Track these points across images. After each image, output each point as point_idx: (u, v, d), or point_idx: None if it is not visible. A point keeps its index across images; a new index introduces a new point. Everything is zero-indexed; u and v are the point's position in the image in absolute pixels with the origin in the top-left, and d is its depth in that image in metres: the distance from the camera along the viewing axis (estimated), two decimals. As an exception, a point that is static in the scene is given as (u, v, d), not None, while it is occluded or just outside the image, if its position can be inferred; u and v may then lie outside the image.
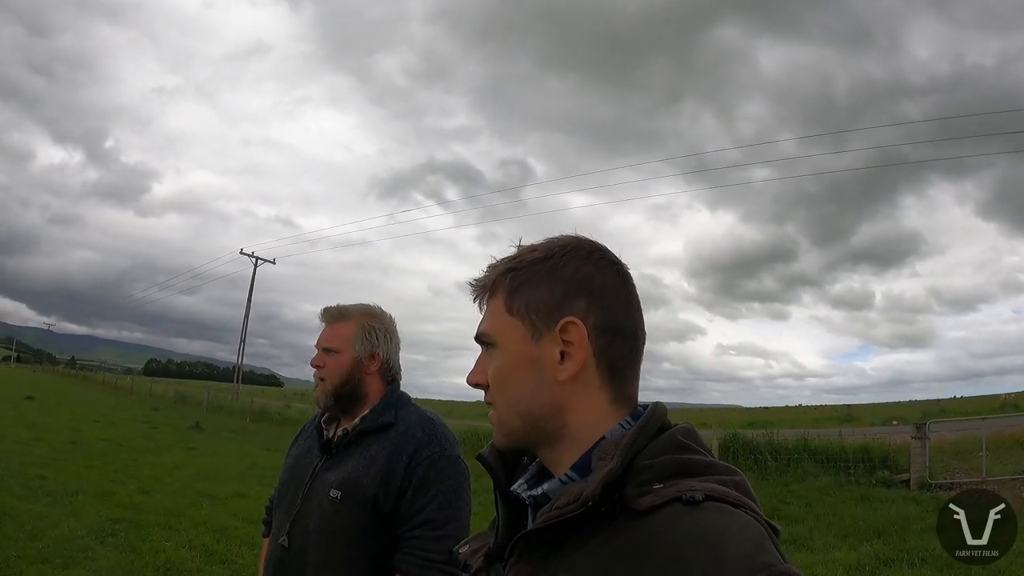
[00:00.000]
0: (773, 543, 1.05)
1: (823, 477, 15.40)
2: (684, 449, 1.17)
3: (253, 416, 35.43)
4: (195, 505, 11.44)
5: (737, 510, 1.07)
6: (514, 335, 1.28)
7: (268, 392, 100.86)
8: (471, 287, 1.38)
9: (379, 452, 2.57)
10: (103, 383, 76.33)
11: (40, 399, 35.07)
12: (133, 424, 27.09)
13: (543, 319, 1.26)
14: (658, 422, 1.21)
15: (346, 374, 2.69)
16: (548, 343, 1.26)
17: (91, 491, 11.61)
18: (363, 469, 2.55)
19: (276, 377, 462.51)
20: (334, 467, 2.62)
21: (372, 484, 2.51)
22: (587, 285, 1.27)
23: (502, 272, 1.32)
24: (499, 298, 1.31)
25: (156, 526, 9.73)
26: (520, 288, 1.29)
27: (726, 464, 1.18)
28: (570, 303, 1.26)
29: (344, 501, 2.51)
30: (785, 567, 1.00)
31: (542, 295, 1.27)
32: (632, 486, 1.12)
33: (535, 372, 1.26)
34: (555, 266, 1.28)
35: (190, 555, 8.49)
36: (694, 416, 59.21)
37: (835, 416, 49.67)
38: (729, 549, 1.00)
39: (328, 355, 2.72)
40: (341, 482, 2.55)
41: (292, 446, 2.93)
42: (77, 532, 8.86)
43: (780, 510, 12.72)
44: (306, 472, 2.68)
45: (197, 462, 17.23)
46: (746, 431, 19.86)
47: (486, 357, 1.34)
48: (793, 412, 72.11)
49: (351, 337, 2.72)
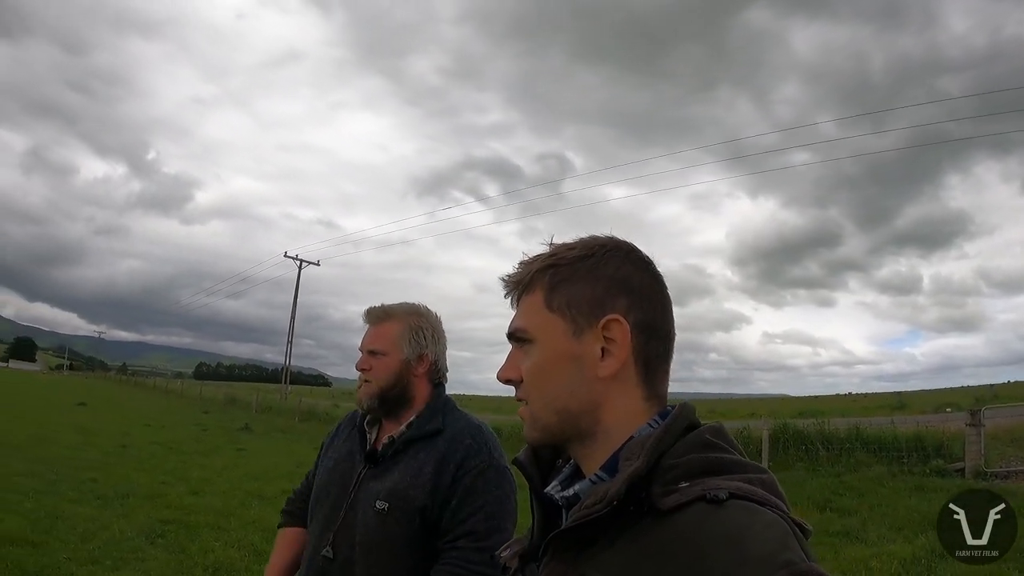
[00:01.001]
0: (799, 542, 1.04)
1: (876, 467, 15.14)
2: (711, 448, 1.17)
3: (301, 416, 35.68)
4: (244, 505, 11.52)
5: (762, 508, 1.07)
6: (554, 331, 1.28)
7: (316, 392, 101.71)
8: (504, 283, 1.39)
9: (426, 461, 2.46)
10: (154, 388, 77.52)
11: (92, 405, 35.65)
12: (183, 427, 27.42)
13: (585, 316, 1.27)
14: (685, 421, 1.21)
15: (394, 377, 2.57)
16: (589, 340, 1.26)
17: (141, 493, 11.73)
18: (411, 479, 2.44)
19: (324, 377, 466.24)
20: (379, 476, 2.51)
21: (421, 495, 2.41)
22: (627, 284, 1.28)
23: (541, 268, 1.32)
24: (537, 294, 1.31)
25: (205, 526, 9.79)
26: (561, 285, 1.29)
27: (754, 463, 1.18)
28: (612, 301, 1.26)
29: (392, 512, 2.41)
30: (808, 565, 0.99)
31: (584, 292, 1.28)
32: (658, 485, 1.12)
33: (575, 368, 1.26)
34: (596, 264, 1.29)
35: (239, 554, 8.52)
36: (742, 407, 58.80)
37: (886, 404, 49.04)
38: (752, 547, 1.00)
39: (374, 358, 2.59)
40: (388, 493, 2.44)
41: (328, 446, 2.82)
42: (127, 534, 8.94)
43: (833, 502, 12.51)
44: (349, 480, 2.57)
45: (246, 463, 17.37)
46: (796, 421, 19.59)
47: (519, 353, 1.34)
48: (843, 400, 71.38)
49: (397, 338, 2.60)
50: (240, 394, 53.65)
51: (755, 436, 17.60)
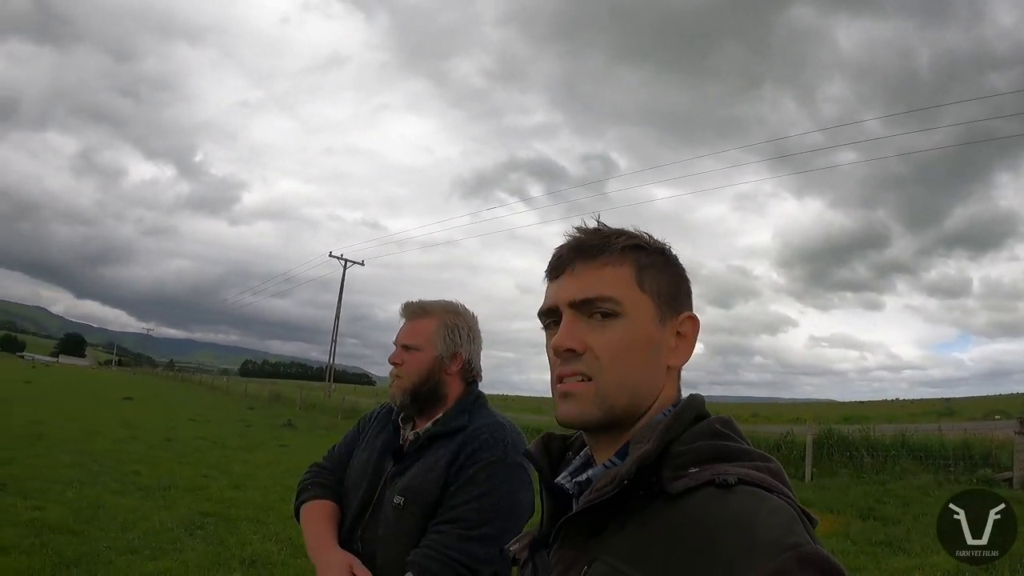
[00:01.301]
0: (805, 528, 1.07)
1: (921, 475, 14.99)
2: (720, 436, 1.21)
3: (344, 413, 35.87)
4: (284, 500, 11.50)
5: (770, 495, 1.09)
6: (646, 312, 1.30)
7: (360, 390, 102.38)
8: (572, 239, 1.36)
9: (443, 456, 2.46)
10: (200, 384, 78.65)
11: (138, 399, 36.26)
12: (228, 423, 27.77)
13: (668, 305, 1.32)
14: (694, 411, 1.26)
15: (425, 373, 2.57)
16: (670, 329, 1.32)
17: (183, 486, 11.86)
18: (425, 473, 2.45)
19: (368, 376, 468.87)
20: (402, 472, 2.52)
21: (433, 489, 2.41)
22: (689, 287, 1.38)
23: (629, 245, 1.33)
24: (626, 268, 1.31)
25: (244, 520, 9.89)
26: (649, 268, 1.32)
27: (761, 452, 1.21)
28: (686, 299, 1.36)
29: (407, 507, 2.42)
30: (814, 548, 1.01)
31: (671, 283, 1.34)
32: (668, 470, 1.16)
33: (654, 352, 1.30)
34: (672, 260, 1.37)
35: (276, 548, 8.57)
36: (787, 411, 58.20)
37: (933, 410, 48.48)
38: (759, 531, 1.02)
39: (408, 352, 2.59)
40: (403, 488, 2.46)
41: (364, 432, 2.84)
42: (167, 525, 9.05)
43: (876, 510, 12.36)
44: (379, 476, 2.58)
45: (288, 458, 17.47)
46: (841, 427, 19.40)
47: (585, 324, 1.29)
48: (889, 406, 70.74)
49: (432, 334, 2.60)
50: (284, 391, 54.14)
51: (799, 441, 17.52)
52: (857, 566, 8.95)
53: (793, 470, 16.56)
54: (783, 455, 17.32)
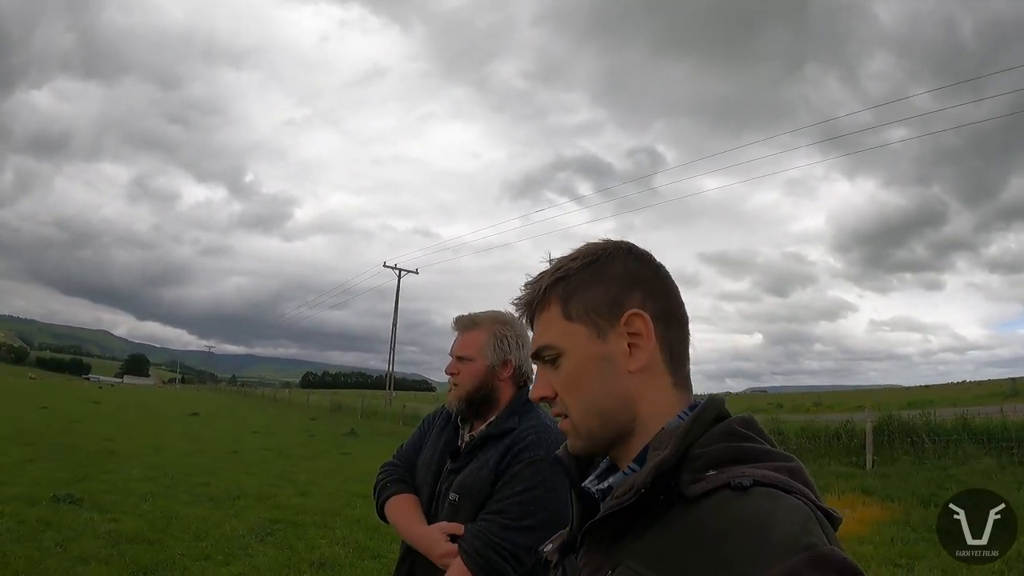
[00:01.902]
0: (822, 528, 1.07)
1: (984, 459, 14.66)
2: (739, 438, 1.21)
3: (406, 420, 35.99)
4: (350, 505, 11.80)
5: (786, 495, 1.09)
6: (579, 338, 1.33)
7: (420, 397, 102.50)
8: (516, 306, 1.44)
9: (492, 456, 2.62)
10: (262, 397, 79.43)
11: (204, 414, 36.90)
12: (291, 433, 28.19)
13: (605, 317, 1.32)
14: (714, 412, 1.25)
15: (479, 381, 2.75)
16: (614, 338, 1.32)
17: (251, 495, 12.15)
18: (477, 472, 2.62)
19: (427, 382, 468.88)
20: (457, 470, 2.70)
21: (485, 487, 2.58)
22: (636, 278, 1.34)
23: (551, 283, 1.37)
24: (553, 309, 1.36)
25: (312, 525, 10.13)
26: (574, 294, 1.34)
27: (782, 452, 1.21)
28: (627, 297, 1.32)
29: (461, 504, 2.60)
30: (829, 549, 1.01)
31: (598, 295, 1.33)
32: (687, 474, 1.16)
33: (607, 368, 1.31)
34: (602, 267, 1.35)
35: (343, 551, 8.79)
36: (850, 399, 56.81)
37: (999, 392, 46.95)
38: (774, 531, 1.02)
39: (462, 363, 2.78)
40: (458, 485, 2.64)
41: (427, 432, 3.01)
42: (238, 532, 9.32)
43: (938, 496, 12.00)
44: (439, 475, 2.77)
45: (352, 465, 17.71)
46: (901, 412, 19.06)
47: (546, 370, 1.38)
48: (955, 389, 68.79)
49: (483, 345, 2.77)
50: (346, 401, 54.53)
51: (859, 429, 17.23)
52: (916, 553, 8.85)
53: (854, 458, 16.38)
54: (843, 443, 17.09)
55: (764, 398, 65.15)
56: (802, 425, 20.06)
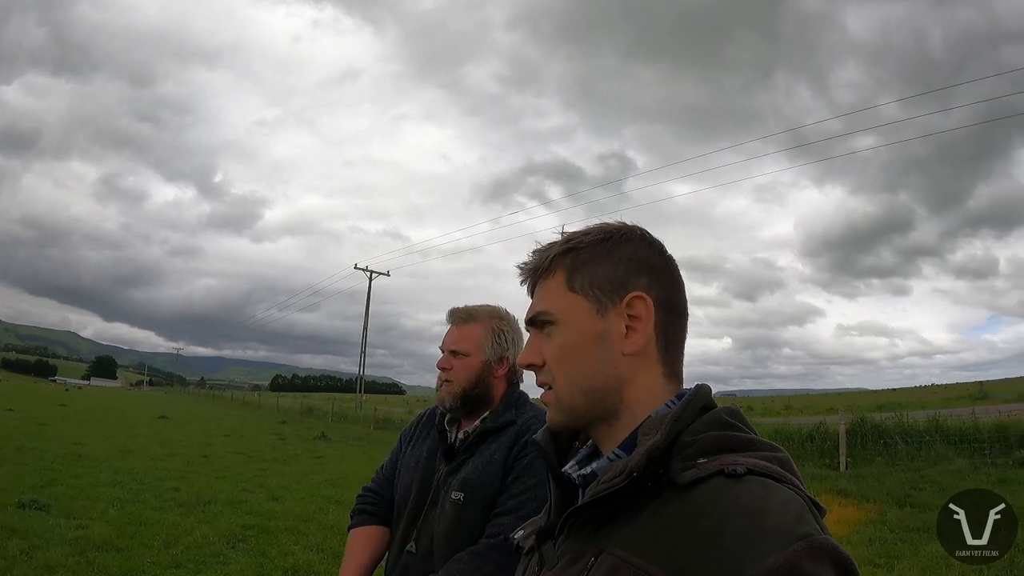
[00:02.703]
0: (815, 517, 1.07)
1: (957, 460, 14.88)
2: (728, 427, 1.21)
3: (377, 424, 36.06)
4: (323, 510, 11.70)
5: (779, 484, 1.10)
6: (579, 311, 1.32)
7: (391, 400, 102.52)
8: (520, 270, 1.44)
9: (497, 451, 2.52)
10: (232, 400, 79.05)
11: (173, 418, 36.49)
12: (262, 437, 27.97)
13: (608, 295, 1.31)
14: (702, 401, 1.25)
15: (475, 377, 2.63)
16: (614, 318, 1.31)
17: (222, 500, 12.00)
18: (483, 468, 2.50)
19: (398, 385, 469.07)
20: (456, 470, 2.57)
21: (494, 482, 2.47)
22: (646, 263, 1.34)
23: (560, 252, 1.36)
24: (558, 277, 1.35)
25: (285, 531, 10.00)
26: (581, 267, 1.34)
27: (770, 442, 1.21)
28: (633, 280, 1.32)
29: (467, 502, 2.47)
30: (824, 538, 1.02)
31: (605, 272, 1.32)
32: (677, 461, 1.16)
33: (601, 346, 1.30)
34: (614, 246, 1.34)
35: (317, 558, 8.67)
36: (819, 402, 57.74)
37: (967, 394, 47.89)
38: (770, 521, 1.02)
39: (456, 358, 2.65)
40: (461, 483, 2.51)
41: (408, 443, 2.87)
42: (209, 539, 9.16)
43: (912, 496, 12.28)
44: (431, 477, 2.64)
45: (324, 469, 17.67)
46: (874, 415, 19.25)
47: (540, 338, 1.37)
48: (922, 392, 69.89)
49: (480, 339, 2.66)
50: (316, 404, 54.37)
51: (832, 431, 17.42)
52: (895, 553, 8.93)
53: (828, 460, 16.52)
54: (817, 445, 17.27)
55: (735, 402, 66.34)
56: (775, 428, 20.30)
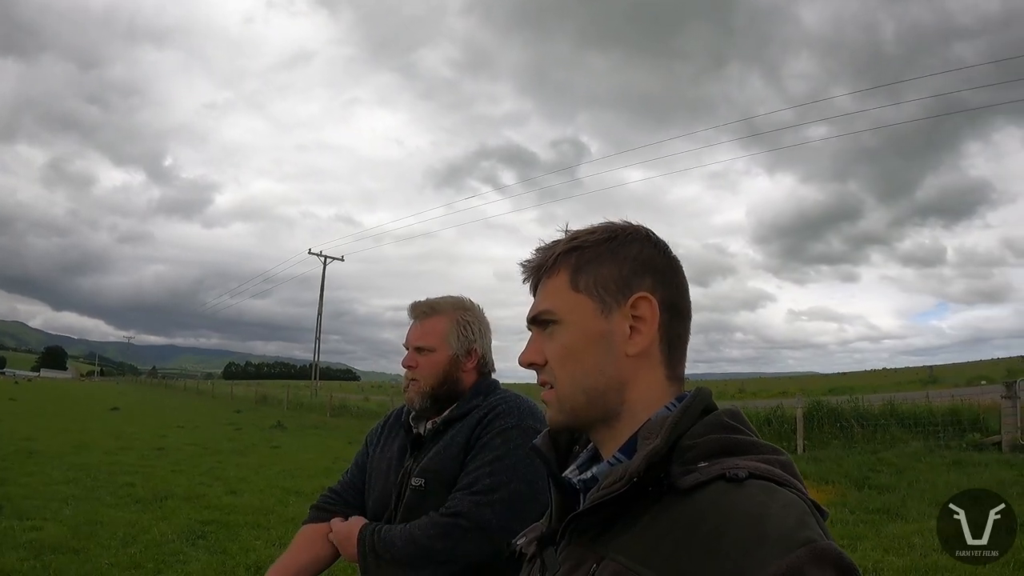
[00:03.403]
0: (817, 521, 1.05)
1: (912, 442, 15.16)
2: (729, 430, 1.20)
3: (333, 411, 35.96)
4: (282, 503, 11.58)
5: (781, 488, 1.08)
6: (582, 311, 1.30)
7: (346, 387, 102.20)
8: (524, 268, 1.42)
9: (460, 433, 2.44)
10: (185, 390, 78.45)
11: (125, 409, 36.09)
12: (217, 427, 27.71)
13: (612, 295, 1.29)
14: (702, 404, 1.24)
15: (442, 374, 2.52)
16: (618, 318, 1.28)
17: (179, 495, 11.81)
18: (444, 452, 2.43)
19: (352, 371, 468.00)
20: (419, 459, 2.49)
21: (454, 465, 2.39)
22: (651, 264, 1.32)
23: (564, 251, 1.34)
24: (562, 276, 1.33)
25: (245, 526, 9.85)
26: (586, 266, 1.32)
27: (771, 445, 1.20)
28: (638, 280, 1.30)
29: (428, 488, 2.39)
30: (827, 543, 1.00)
31: (611, 272, 1.30)
32: (677, 465, 1.14)
33: (604, 346, 1.28)
34: (619, 246, 1.32)
35: (279, 551, 8.38)
36: (772, 385, 58.60)
37: (917, 379, 48.85)
38: (772, 526, 1.00)
39: (421, 354, 2.54)
40: (422, 470, 2.43)
41: (376, 445, 2.76)
42: (168, 536, 8.99)
43: (871, 479, 12.48)
44: (398, 473, 2.54)
45: (282, 460, 17.53)
46: (829, 398, 19.52)
47: (542, 336, 1.35)
48: (873, 376, 71.13)
49: (445, 333, 2.55)
50: (271, 392, 54.08)
51: (788, 415, 17.67)
52: (857, 534, 9.02)
53: (785, 443, 16.65)
54: (774, 429, 17.46)
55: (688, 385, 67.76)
56: (732, 411, 20.44)
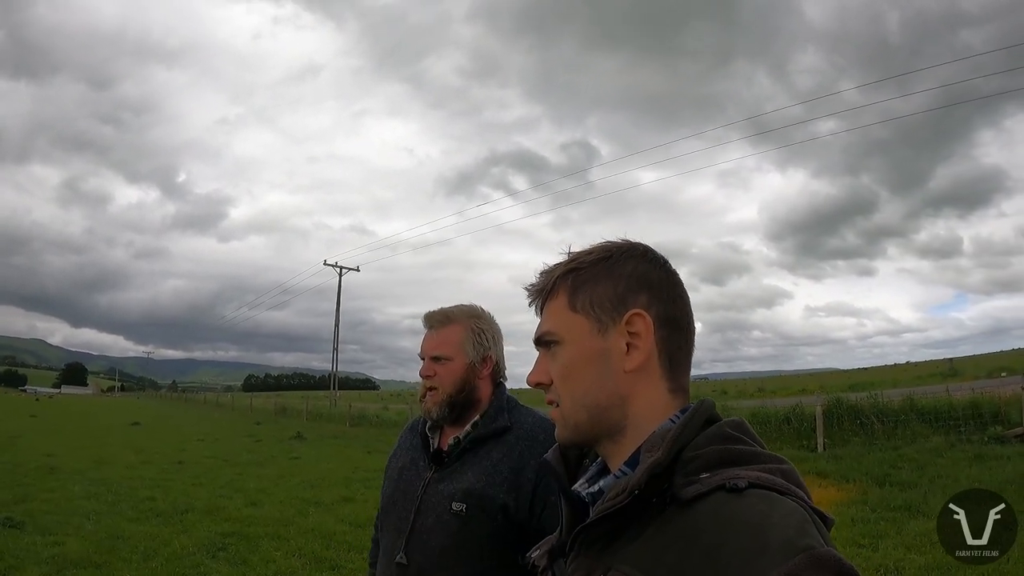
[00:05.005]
0: (818, 529, 1.06)
1: (933, 438, 15.08)
2: (731, 440, 1.21)
3: (352, 421, 36.01)
4: (302, 513, 11.61)
5: (782, 497, 1.10)
6: (580, 330, 1.34)
7: (365, 396, 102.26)
8: (528, 292, 1.45)
9: (501, 459, 2.41)
10: (204, 403, 78.60)
11: (146, 424, 36.20)
12: (236, 439, 27.76)
13: (608, 313, 1.32)
14: (705, 415, 1.25)
15: (460, 382, 2.51)
16: (614, 336, 1.31)
17: (200, 508, 11.85)
18: (487, 478, 2.39)
19: (371, 380, 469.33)
20: (449, 478, 2.45)
21: (500, 493, 2.36)
22: (646, 280, 1.34)
23: (562, 274, 1.38)
24: (560, 298, 1.37)
25: (265, 537, 9.88)
26: (583, 286, 1.35)
27: (774, 454, 1.21)
28: (633, 297, 1.33)
29: (471, 513, 2.36)
30: (827, 550, 1.01)
31: (605, 291, 1.34)
32: (679, 476, 1.16)
33: (603, 364, 1.31)
34: (614, 264, 1.35)
35: (299, 563, 8.59)
36: (791, 382, 58.26)
37: (937, 372, 48.50)
38: (772, 534, 1.02)
39: (439, 364, 2.53)
40: (464, 494, 2.38)
41: (392, 456, 2.74)
42: (189, 549, 9.03)
43: (891, 475, 12.43)
44: (414, 486, 2.50)
45: (301, 471, 17.54)
46: (848, 395, 19.40)
47: (546, 357, 1.39)
48: (893, 371, 70.68)
49: (461, 342, 2.54)
50: (290, 403, 54.14)
51: (808, 412, 17.56)
52: (878, 532, 8.99)
53: (805, 441, 16.63)
54: (794, 427, 17.37)
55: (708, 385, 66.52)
56: (751, 411, 20.37)
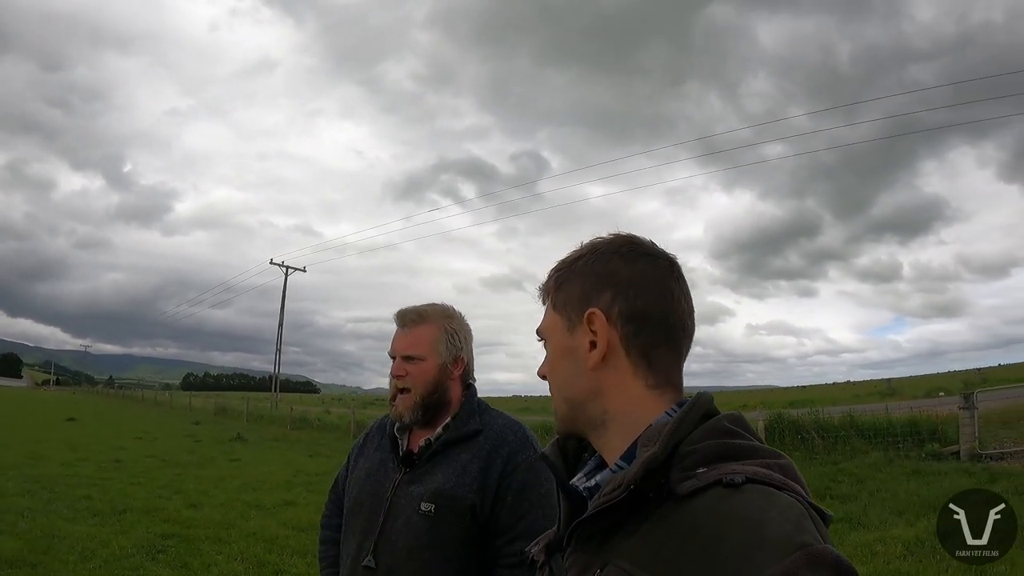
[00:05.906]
0: (815, 525, 1.06)
1: (872, 453, 15.38)
2: (729, 434, 1.21)
3: (294, 424, 35.62)
4: (244, 516, 11.47)
5: (779, 492, 1.09)
6: (557, 329, 1.40)
7: (306, 399, 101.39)
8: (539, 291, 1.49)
9: (470, 460, 2.41)
10: (142, 400, 77.39)
11: (82, 420, 35.53)
12: (175, 439, 27.32)
13: (575, 312, 1.37)
14: (702, 409, 1.25)
15: (432, 382, 2.49)
16: (580, 334, 1.35)
17: (138, 508, 11.65)
18: (456, 479, 2.39)
19: (312, 384, 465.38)
20: (419, 480, 2.44)
21: (469, 493, 2.36)
22: (613, 278, 1.35)
23: (552, 274, 1.44)
24: (550, 299, 1.43)
25: (206, 540, 9.73)
26: (562, 286, 1.41)
27: (771, 448, 1.21)
28: (596, 295, 1.35)
29: (440, 514, 2.35)
30: (823, 547, 1.01)
31: (574, 290, 1.38)
32: (676, 471, 1.16)
33: (572, 361, 1.36)
34: (586, 263, 1.38)
35: (242, 567, 8.48)
36: (733, 399, 59.07)
37: (876, 391, 49.48)
38: (768, 530, 1.02)
39: (411, 363, 2.50)
40: (433, 494, 2.38)
41: (358, 457, 2.71)
42: (127, 550, 8.87)
43: (832, 489, 12.66)
44: (383, 487, 2.48)
45: (242, 473, 17.34)
46: (790, 411, 19.71)
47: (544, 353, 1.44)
48: (832, 389, 71.82)
49: (434, 341, 2.52)
50: (230, 404, 53.46)
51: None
52: (832, 540, 9.13)
53: (747, 455, 16.85)
54: (737, 441, 17.63)
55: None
56: (695, 424, 20.59)
